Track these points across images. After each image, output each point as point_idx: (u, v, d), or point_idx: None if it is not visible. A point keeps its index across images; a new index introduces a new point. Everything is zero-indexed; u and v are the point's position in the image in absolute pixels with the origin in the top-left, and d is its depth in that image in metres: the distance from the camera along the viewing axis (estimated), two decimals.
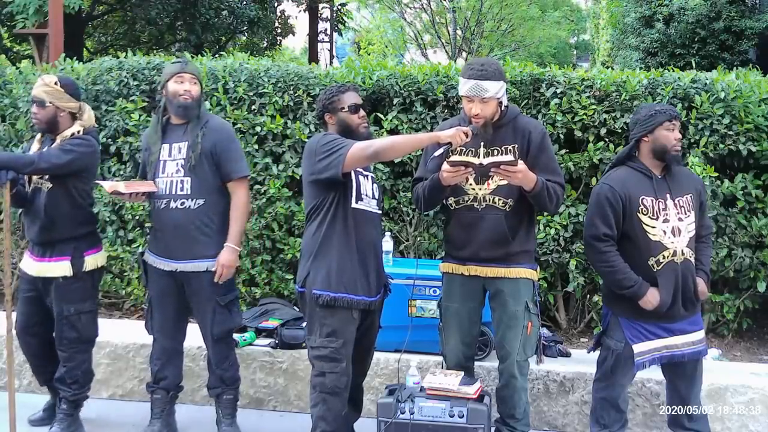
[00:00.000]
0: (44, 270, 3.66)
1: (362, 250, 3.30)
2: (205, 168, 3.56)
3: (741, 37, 11.36)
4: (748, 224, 4.58)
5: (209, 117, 3.70)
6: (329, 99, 3.38)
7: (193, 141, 3.56)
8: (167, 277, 3.64)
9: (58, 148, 3.57)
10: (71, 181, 3.63)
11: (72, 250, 3.65)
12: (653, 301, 3.27)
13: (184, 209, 3.56)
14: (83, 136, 3.64)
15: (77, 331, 3.70)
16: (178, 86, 3.57)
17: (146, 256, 3.70)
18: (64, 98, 3.63)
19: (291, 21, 17.45)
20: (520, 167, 3.16)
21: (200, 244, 3.57)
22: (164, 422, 3.73)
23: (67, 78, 3.80)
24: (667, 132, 3.32)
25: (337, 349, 3.23)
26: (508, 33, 19.86)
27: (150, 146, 3.64)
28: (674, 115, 3.34)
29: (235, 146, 3.68)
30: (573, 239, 4.66)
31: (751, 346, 4.85)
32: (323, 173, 3.19)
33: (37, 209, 3.63)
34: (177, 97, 3.57)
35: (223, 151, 3.60)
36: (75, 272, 3.64)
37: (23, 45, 13.48)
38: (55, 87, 3.62)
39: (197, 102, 3.61)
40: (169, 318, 3.69)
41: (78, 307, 3.68)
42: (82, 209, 3.70)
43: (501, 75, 3.33)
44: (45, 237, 3.64)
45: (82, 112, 3.69)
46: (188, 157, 3.55)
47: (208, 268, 3.58)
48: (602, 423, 3.46)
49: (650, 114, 3.35)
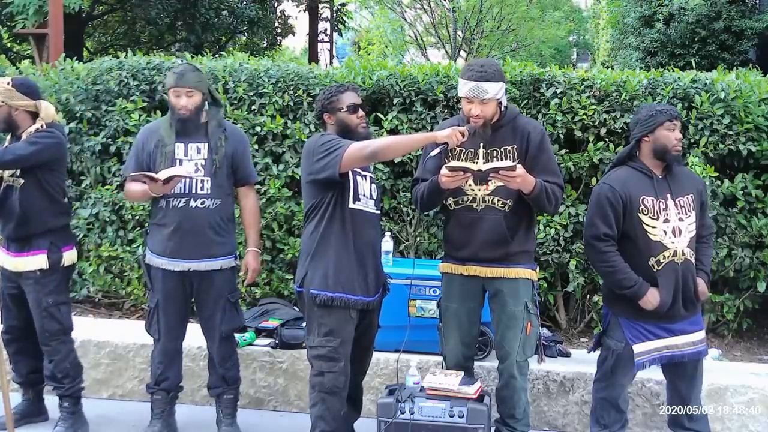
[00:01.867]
0: (21, 264, 3.68)
1: (360, 250, 3.30)
2: (224, 171, 3.64)
3: (741, 37, 11.36)
4: (748, 224, 4.58)
5: (226, 123, 3.81)
6: (328, 99, 3.38)
7: (215, 144, 3.63)
8: (175, 278, 3.63)
9: (23, 141, 3.62)
10: (42, 174, 3.65)
11: (48, 244, 3.68)
12: (653, 301, 3.27)
13: (204, 208, 3.60)
14: (47, 129, 3.67)
15: (58, 321, 3.72)
16: (175, 100, 3.60)
17: (149, 259, 3.68)
18: (15, 97, 3.67)
19: (291, 21, 17.45)
20: (519, 172, 3.16)
21: (215, 243, 3.64)
22: (164, 422, 3.74)
23: (21, 78, 3.90)
24: (668, 132, 3.32)
25: (335, 348, 3.24)
26: (508, 33, 19.86)
27: (163, 138, 3.63)
28: (675, 115, 3.34)
29: (249, 154, 3.85)
30: (573, 239, 4.66)
31: (751, 346, 4.85)
32: (320, 173, 3.20)
33: (12, 206, 3.65)
34: (176, 111, 3.61)
35: (241, 157, 3.72)
36: (51, 265, 3.67)
37: (23, 45, 13.49)
38: (7, 87, 3.68)
39: (196, 113, 3.63)
40: (174, 320, 3.70)
41: (56, 299, 3.71)
42: (56, 203, 3.72)
43: (500, 76, 3.33)
44: (21, 233, 3.67)
45: (40, 109, 3.72)
46: (211, 159, 3.61)
47: (222, 266, 3.65)
48: (602, 423, 3.46)
49: (651, 114, 3.35)
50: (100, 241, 5.11)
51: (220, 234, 3.66)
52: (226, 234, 3.70)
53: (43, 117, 3.70)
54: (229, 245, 3.71)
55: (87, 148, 5.13)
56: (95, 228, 5.13)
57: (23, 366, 3.90)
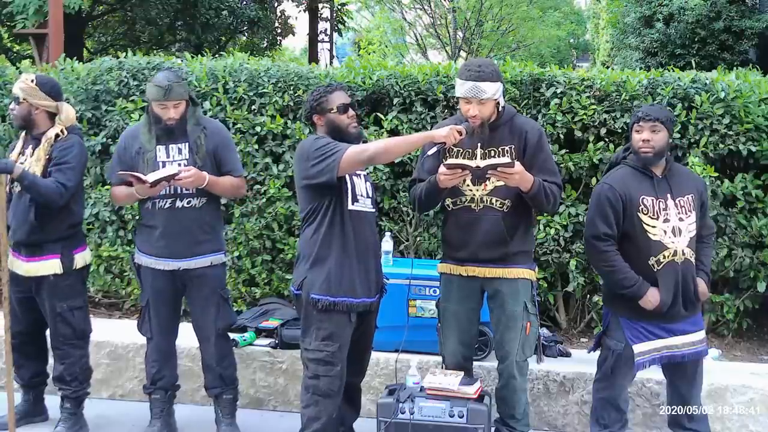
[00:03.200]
0: (34, 269, 3.66)
1: (361, 251, 3.29)
2: (208, 169, 3.61)
3: (741, 37, 11.35)
4: (748, 224, 4.58)
5: (205, 119, 3.78)
6: (317, 100, 3.34)
7: (194, 143, 3.61)
8: (165, 277, 3.64)
9: (57, 168, 3.56)
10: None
11: (61, 249, 3.66)
12: (653, 301, 3.27)
13: (191, 208, 3.61)
14: (68, 138, 3.64)
15: (71, 326, 3.71)
16: (162, 111, 3.57)
17: (139, 258, 3.69)
18: (38, 96, 3.63)
19: (291, 21, 17.46)
20: (517, 169, 3.16)
21: (203, 241, 3.64)
22: (164, 422, 3.74)
23: (45, 77, 3.82)
24: (635, 134, 3.37)
25: (332, 353, 3.22)
26: (508, 33, 19.85)
27: (143, 145, 3.62)
28: (641, 116, 3.35)
29: (232, 146, 3.82)
30: (573, 239, 4.66)
31: (751, 346, 4.85)
32: (317, 178, 3.17)
33: (25, 211, 3.62)
34: (161, 121, 3.58)
35: (224, 153, 3.70)
36: (65, 269, 3.65)
37: (23, 45, 13.50)
38: (31, 84, 3.63)
39: (183, 119, 3.61)
40: (166, 318, 3.71)
41: (70, 303, 3.70)
42: (71, 210, 3.69)
43: (498, 76, 3.32)
44: (34, 238, 3.64)
45: (61, 111, 3.68)
46: (192, 158, 3.59)
47: (212, 262, 3.67)
48: (602, 423, 3.46)
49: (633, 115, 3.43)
50: (100, 241, 5.12)
51: (208, 232, 3.67)
52: (214, 231, 3.71)
53: (62, 120, 3.66)
54: (217, 242, 3.73)
55: (87, 148, 5.11)
56: (95, 228, 5.13)
57: (26, 371, 3.90)
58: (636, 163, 3.38)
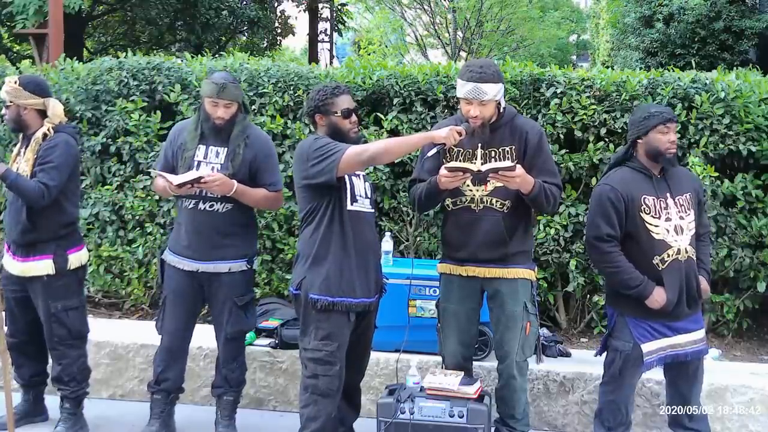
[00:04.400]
0: (27, 269, 3.66)
1: (361, 252, 3.29)
2: (240, 177, 3.56)
3: (741, 37, 11.37)
4: (748, 224, 4.58)
5: (251, 127, 3.72)
6: (322, 100, 3.33)
7: (232, 149, 3.58)
8: (186, 277, 3.64)
9: (40, 168, 3.54)
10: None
11: (54, 249, 3.65)
12: (660, 300, 3.26)
13: (213, 212, 3.58)
14: (54, 138, 3.62)
15: (66, 327, 3.70)
16: (212, 109, 3.57)
17: (165, 255, 3.70)
18: (23, 96, 3.63)
19: (291, 21, 17.47)
20: (518, 172, 3.16)
21: (223, 247, 3.60)
22: (163, 423, 3.73)
23: (28, 76, 3.84)
24: (661, 135, 3.31)
25: (331, 352, 3.22)
26: (508, 33, 19.85)
27: (186, 142, 3.61)
28: (668, 118, 3.32)
29: (274, 160, 3.73)
30: (573, 239, 4.66)
31: (751, 346, 4.85)
32: (316, 178, 3.17)
33: (19, 211, 3.61)
34: (211, 119, 3.58)
35: (261, 164, 3.64)
36: (58, 270, 3.64)
37: (23, 45, 13.50)
38: (15, 86, 3.64)
39: (231, 121, 3.60)
40: (180, 318, 3.69)
41: (65, 304, 3.69)
42: (63, 210, 3.67)
43: (499, 77, 3.32)
44: (27, 238, 3.64)
45: (48, 108, 3.68)
46: (227, 164, 3.56)
47: (231, 269, 3.62)
48: (607, 426, 3.43)
49: (644, 116, 3.35)
50: (100, 241, 5.11)
51: (230, 237, 3.61)
52: (238, 238, 3.64)
53: (50, 117, 3.66)
54: (240, 249, 3.65)
55: (87, 148, 5.12)
56: (95, 228, 5.13)
57: (26, 370, 3.89)
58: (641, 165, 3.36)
